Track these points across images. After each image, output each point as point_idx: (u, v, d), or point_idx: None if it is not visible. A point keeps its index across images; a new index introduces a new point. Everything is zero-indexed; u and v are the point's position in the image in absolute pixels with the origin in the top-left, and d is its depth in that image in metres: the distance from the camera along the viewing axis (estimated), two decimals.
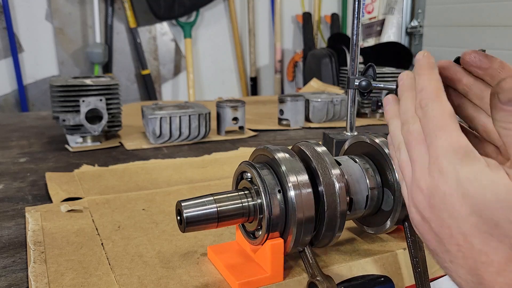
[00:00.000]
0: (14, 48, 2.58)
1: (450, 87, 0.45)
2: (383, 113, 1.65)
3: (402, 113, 0.43)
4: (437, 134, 0.36)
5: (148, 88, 2.96)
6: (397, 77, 0.46)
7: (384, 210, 0.62)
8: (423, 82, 0.40)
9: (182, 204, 0.52)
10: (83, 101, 1.18)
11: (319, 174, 0.54)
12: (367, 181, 0.60)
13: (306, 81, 2.59)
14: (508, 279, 0.33)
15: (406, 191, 0.41)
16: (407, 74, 0.44)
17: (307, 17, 3.29)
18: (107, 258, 0.61)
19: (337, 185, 0.54)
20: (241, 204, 0.54)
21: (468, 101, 0.45)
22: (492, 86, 0.44)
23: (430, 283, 0.57)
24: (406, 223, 0.60)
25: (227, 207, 0.53)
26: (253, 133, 1.40)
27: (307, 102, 1.53)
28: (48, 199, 0.84)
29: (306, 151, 0.57)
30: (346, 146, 0.68)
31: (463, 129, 0.39)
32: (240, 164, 0.58)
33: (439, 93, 0.39)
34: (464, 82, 0.44)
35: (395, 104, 0.45)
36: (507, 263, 0.33)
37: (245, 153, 1.17)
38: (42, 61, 2.72)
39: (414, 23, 3.16)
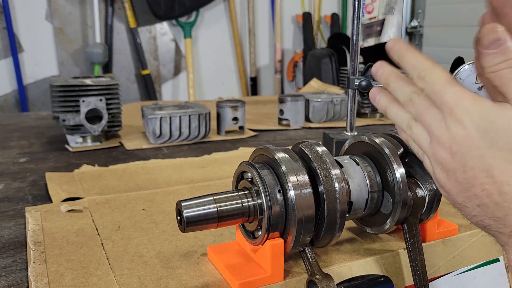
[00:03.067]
0: (14, 48, 2.58)
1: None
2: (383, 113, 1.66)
3: (400, 94, 0.45)
4: (444, 91, 0.39)
5: (148, 88, 2.96)
6: None
7: (383, 212, 0.62)
8: (411, 60, 0.43)
9: (182, 204, 0.52)
10: (83, 101, 1.18)
11: (319, 174, 0.54)
12: (368, 184, 0.60)
13: (306, 81, 2.59)
14: None
15: (428, 160, 0.43)
16: (380, 65, 0.47)
17: (307, 17, 3.29)
18: (107, 258, 0.61)
19: (337, 185, 0.54)
20: (241, 204, 0.54)
21: None
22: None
23: (429, 283, 0.57)
24: (405, 225, 0.60)
25: (227, 207, 0.53)
26: (253, 133, 1.40)
27: (307, 102, 1.53)
28: (48, 199, 0.84)
29: (306, 151, 0.57)
30: (346, 146, 0.68)
31: None
32: (240, 164, 0.58)
33: (433, 62, 0.42)
34: (509, 17, 0.45)
35: (385, 93, 0.48)
36: None
37: (245, 153, 1.17)
38: (42, 61, 2.72)
39: (414, 23, 3.16)
